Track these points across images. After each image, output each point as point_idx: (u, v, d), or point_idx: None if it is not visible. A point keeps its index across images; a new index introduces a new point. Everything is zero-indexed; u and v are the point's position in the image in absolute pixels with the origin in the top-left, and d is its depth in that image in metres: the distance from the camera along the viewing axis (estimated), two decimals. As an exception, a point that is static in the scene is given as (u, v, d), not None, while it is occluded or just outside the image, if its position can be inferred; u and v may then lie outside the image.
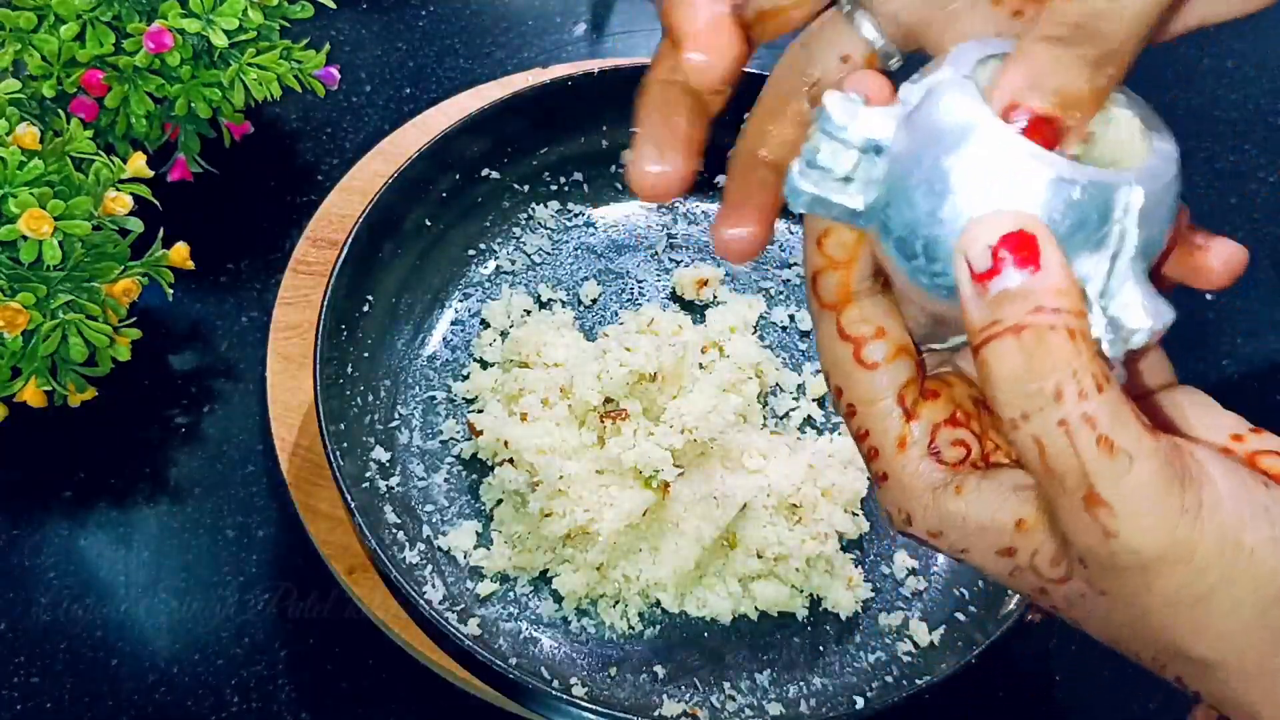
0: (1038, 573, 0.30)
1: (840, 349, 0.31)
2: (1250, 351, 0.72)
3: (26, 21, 0.61)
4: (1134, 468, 0.26)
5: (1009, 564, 0.30)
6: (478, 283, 0.68)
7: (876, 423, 0.31)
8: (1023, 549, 0.29)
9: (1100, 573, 0.28)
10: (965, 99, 0.27)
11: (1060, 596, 0.30)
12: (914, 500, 0.30)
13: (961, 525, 0.30)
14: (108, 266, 0.58)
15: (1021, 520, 0.29)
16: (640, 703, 0.55)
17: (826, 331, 0.31)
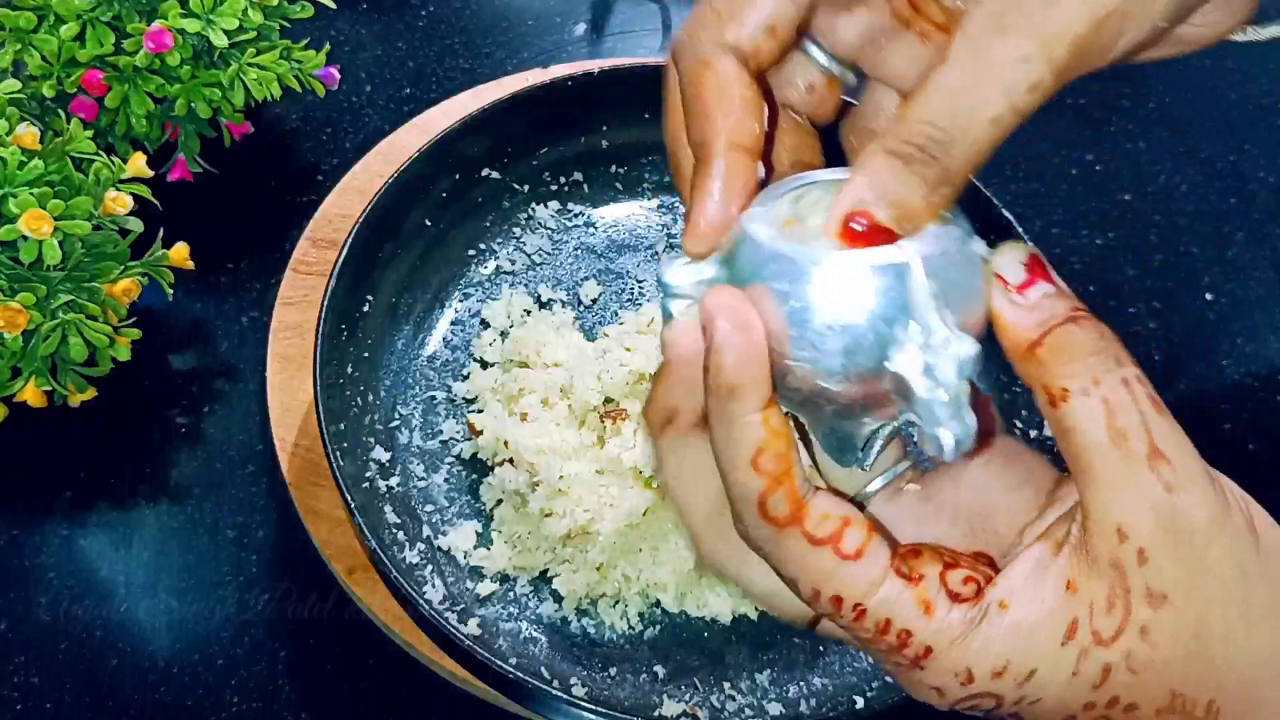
0: (1099, 636, 0.29)
1: (818, 557, 0.30)
2: (1250, 351, 0.72)
3: (26, 21, 0.61)
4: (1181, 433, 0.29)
5: (1075, 649, 0.29)
6: (478, 283, 0.68)
7: (895, 607, 0.30)
8: (1081, 615, 0.29)
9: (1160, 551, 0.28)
10: (766, 232, 0.31)
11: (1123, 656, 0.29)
12: (968, 650, 0.29)
13: (1018, 632, 0.29)
14: (108, 266, 0.58)
15: (1069, 582, 0.29)
16: (640, 703, 0.55)
17: (795, 548, 0.30)
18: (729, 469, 0.30)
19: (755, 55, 0.33)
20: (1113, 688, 0.29)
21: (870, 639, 0.30)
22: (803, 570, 0.30)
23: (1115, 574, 0.29)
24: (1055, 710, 0.29)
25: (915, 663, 0.30)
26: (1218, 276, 0.74)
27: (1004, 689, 0.29)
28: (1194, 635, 0.29)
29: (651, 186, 0.72)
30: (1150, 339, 0.71)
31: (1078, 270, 0.74)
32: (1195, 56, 0.92)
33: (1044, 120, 0.89)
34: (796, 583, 0.30)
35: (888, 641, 0.30)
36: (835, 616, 0.30)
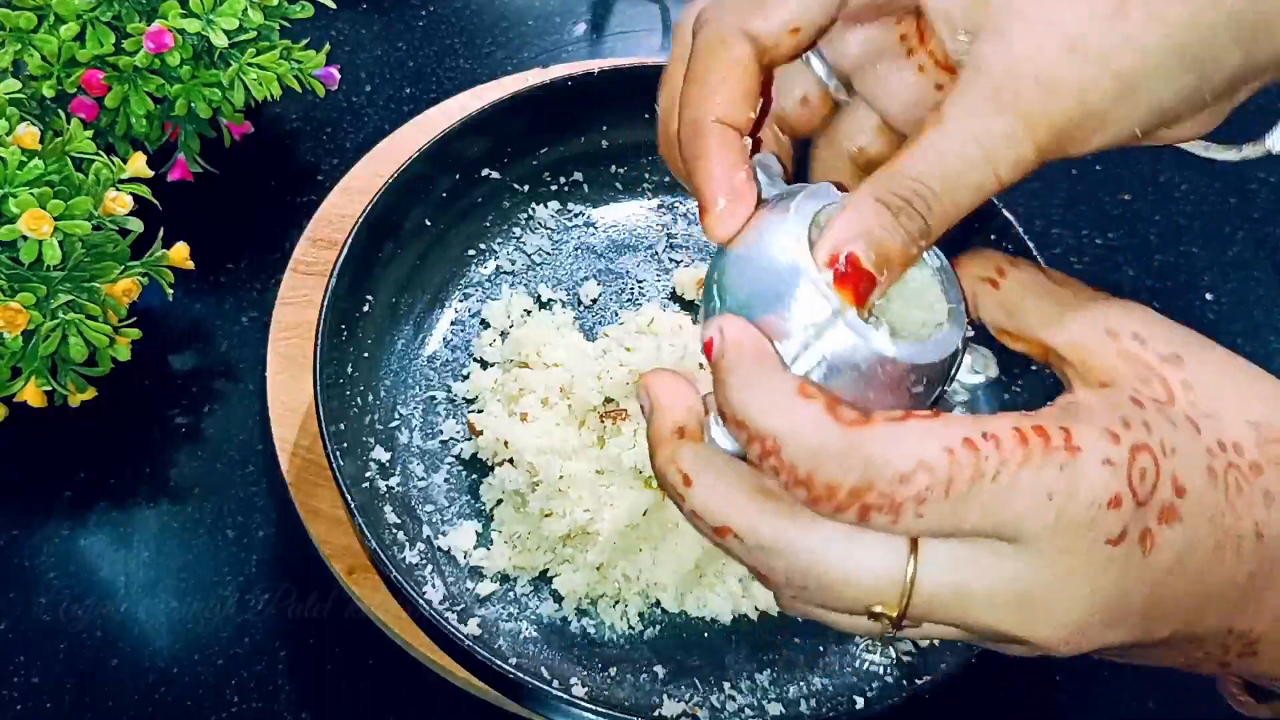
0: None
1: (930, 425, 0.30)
2: (1250, 351, 0.71)
3: (26, 21, 0.61)
4: None
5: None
6: (478, 283, 0.68)
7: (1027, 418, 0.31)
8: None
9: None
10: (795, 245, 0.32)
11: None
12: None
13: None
14: (108, 266, 0.58)
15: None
16: (640, 703, 0.55)
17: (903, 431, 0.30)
18: (783, 414, 0.30)
19: (772, 50, 0.34)
20: (1210, 432, 0.31)
21: (1018, 460, 0.29)
22: (908, 444, 0.29)
23: (1130, 361, 0.32)
24: (1193, 464, 0.30)
25: (1070, 445, 0.29)
26: (1218, 276, 0.74)
27: (1144, 437, 0.30)
28: (1224, 377, 0.33)
29: (651, 186, 0.71)
30: (1150, 339, 0.71)
31: (1078, 270, 0.74)
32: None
33: (1044, 120, 0.87)
34: (907, 465, 0.29)
35: (1033, 448, 0.29)
36: (975, 472, 0.29)
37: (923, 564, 0.30)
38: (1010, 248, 0.62)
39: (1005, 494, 0.29)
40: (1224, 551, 0.30)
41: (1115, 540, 0.29)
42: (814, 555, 0.31)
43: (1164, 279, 0.74)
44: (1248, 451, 0.31)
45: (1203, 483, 0.30)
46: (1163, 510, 0.30)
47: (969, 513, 0.29)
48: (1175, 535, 0.30)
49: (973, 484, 0.29)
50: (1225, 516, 0.30)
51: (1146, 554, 0.30)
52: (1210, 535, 0.30)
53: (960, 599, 0.30)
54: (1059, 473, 0.29)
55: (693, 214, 0.71)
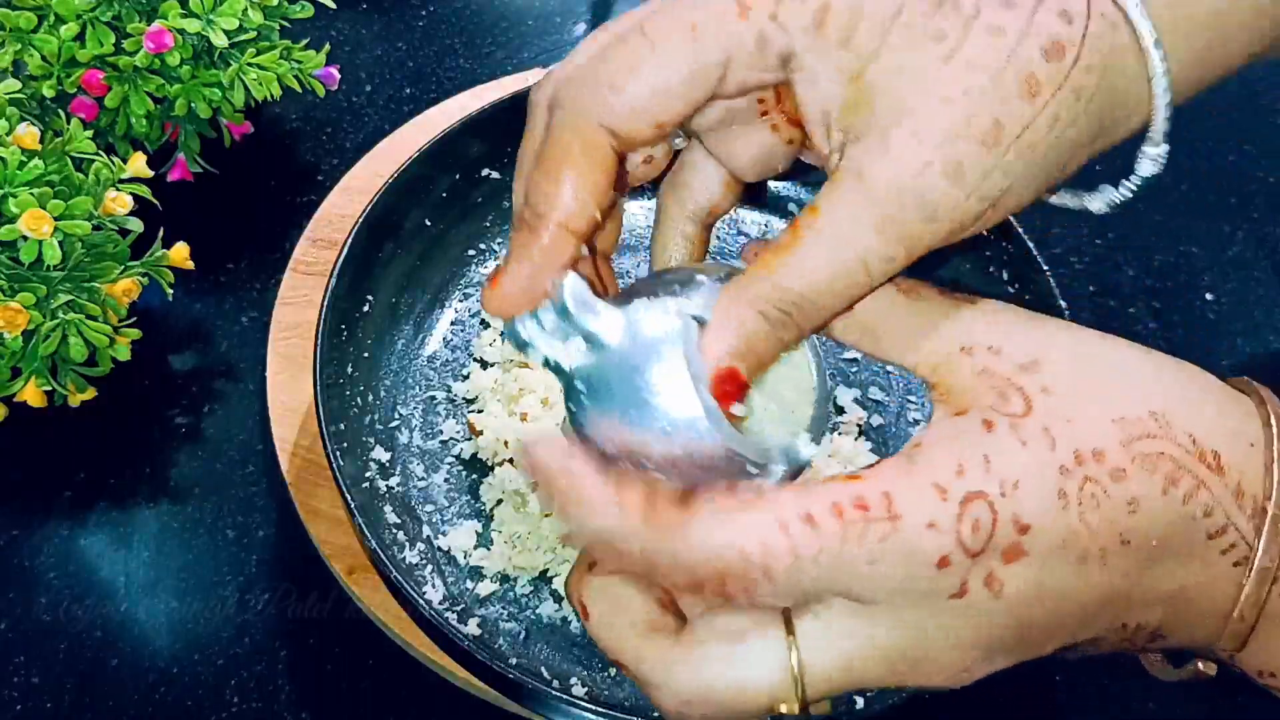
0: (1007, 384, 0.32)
1: (751, 513, 0.30)
2: (1250, 351, 0.72)
3: (26, 21, 0.61)
4: None
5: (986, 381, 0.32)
6: (478, 283, 0.68)
7: (844, 490, 0.30)
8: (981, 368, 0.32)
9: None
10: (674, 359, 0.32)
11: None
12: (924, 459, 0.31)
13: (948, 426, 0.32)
14: (108, 266, 0.58)
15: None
16: (640, 703, 0.55)
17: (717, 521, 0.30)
18: (605, 523, 0.31)
19: (629, 142, 0.34)
20: (1067, 442, 0.30)
21: (837, 538, 0.29)
22: (735, 534, 0.30)
23: (986, 377, 0.32)
24: (1042, 492, 0.30)
25: (891, 513, 0.29)
26: (1218, 276, 0.74)
27: (978, 482, 0.30)
28: (1085, 372, 0.32)
29: (651, 186, 0.71)
30: (1150, 339, 0.71)
31: (1078, 270, 0.74)
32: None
33: (1044, 120, 0.87)
34: (743, 554, 0.30)
35: (850, 518, 0.29)
36: (795, 558, 0.29)
37: (804, 650, 0.31)
38: (1010, 248, 0.62)
39: (831, 571, 0.30)
40: (1087, 568, 0.30)
41: (957, 594, 0.30)
42: (699, 679, 0.32)
43: (1164, 279, 0.74)
44: (1110, 456, 0.30)
45: (1051, 511, 0.29)
46: (1005, 551, 0.29)
47: (800, 588, 0.30)
48: (1023, 570, 0.30)
49: (791, 569, 0.30)
50: (1081, 537, 0.30)
51: (997, 596, 0.30)
52: (1064, 559, 0.30)
53: (850, 670, 0.31)
54: (881, 544, 0.29)
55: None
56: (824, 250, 0.31)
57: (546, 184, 0.34)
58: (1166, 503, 0.30)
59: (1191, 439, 0.30)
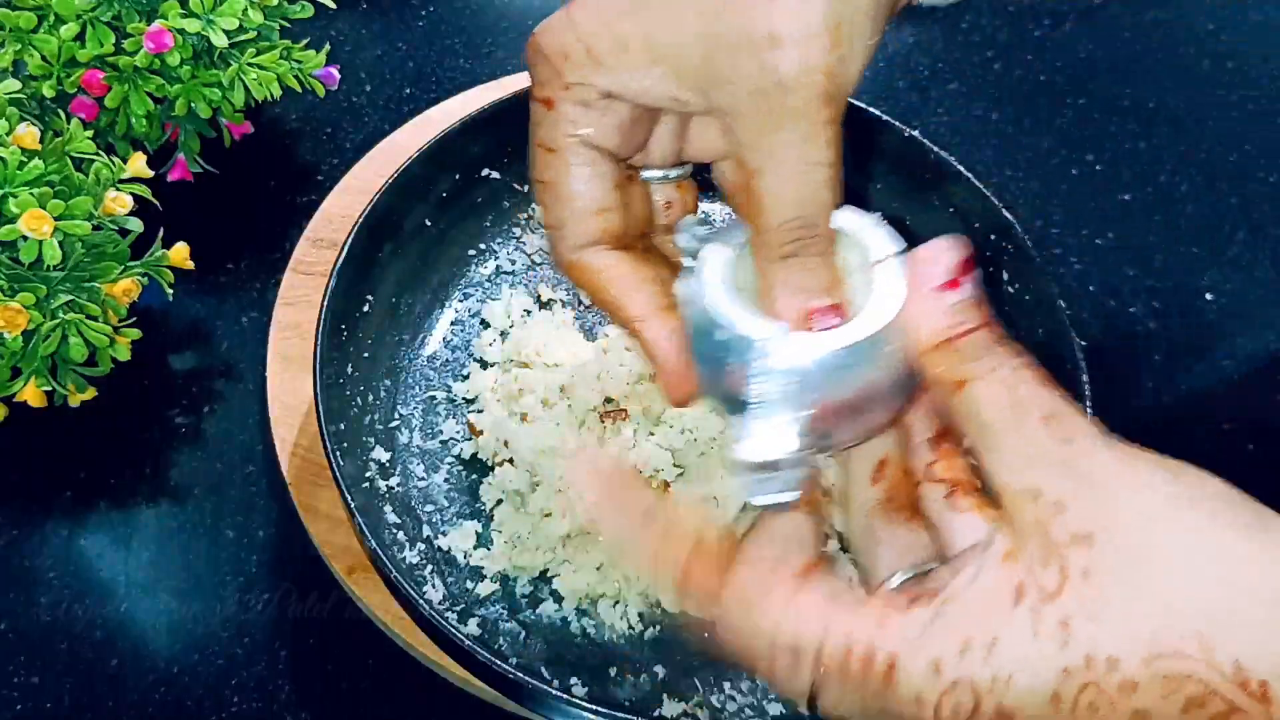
0: (1044, 590, 0.30)
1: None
2: (1250, 351, 0.72)
3: (26, 21, 0.61)
4: (1071, 399, 0.32)
5: (1026, 608, 0.30)
6: (478, 283, 0.68)
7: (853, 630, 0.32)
8: (1023, 577, 0.30)
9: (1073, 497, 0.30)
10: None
11: (1078, 606, 0.30)
12: (930, 643, 0.31)
13: (971, 611, 0.31)
14: (108, 266, 0.58)
15: (1006, 553, 0.31)
16: (640, 703, 0.55)
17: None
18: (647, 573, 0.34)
19: (605, 236, 0.39)
20: (1081, 644, 0.29)
21: (835, 675, 0.31)
22: (751, 622, 0.33)
23: (1040, 531, 0.30)
24: (1035, 689, 0.29)
25: (888, 679, 0.30)
26: (1218, 276, 0.74)
27: (974, 669, 0.29)
28: (1138, 565, 0.29)
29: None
30: (1150, 339, 0.71)
31: (1078, 270, 0.74)
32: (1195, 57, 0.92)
33: (1044, 120, 0.89)
34: (753, 653, 0.33)
35: (851, 668, 0.31)
36: (795, 668, 0.32)
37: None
38: (1010, 248, 0.62)
39: (833, 699, 0.32)
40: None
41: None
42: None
43: (1164, 279, 0.74)
44: (1124, 667, 0.28)
45: (1040, 712, 0.29)
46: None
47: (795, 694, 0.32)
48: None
49: (790, 675, 0.32)
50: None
51: None
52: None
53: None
54: (875, 699, 0.31)
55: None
56: (769, 183, 0.35)
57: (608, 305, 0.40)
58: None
59: (1237, 665, 0.28)
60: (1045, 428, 0.31)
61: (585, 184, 0.39)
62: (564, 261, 0.40)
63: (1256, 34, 0.87)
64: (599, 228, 0.39)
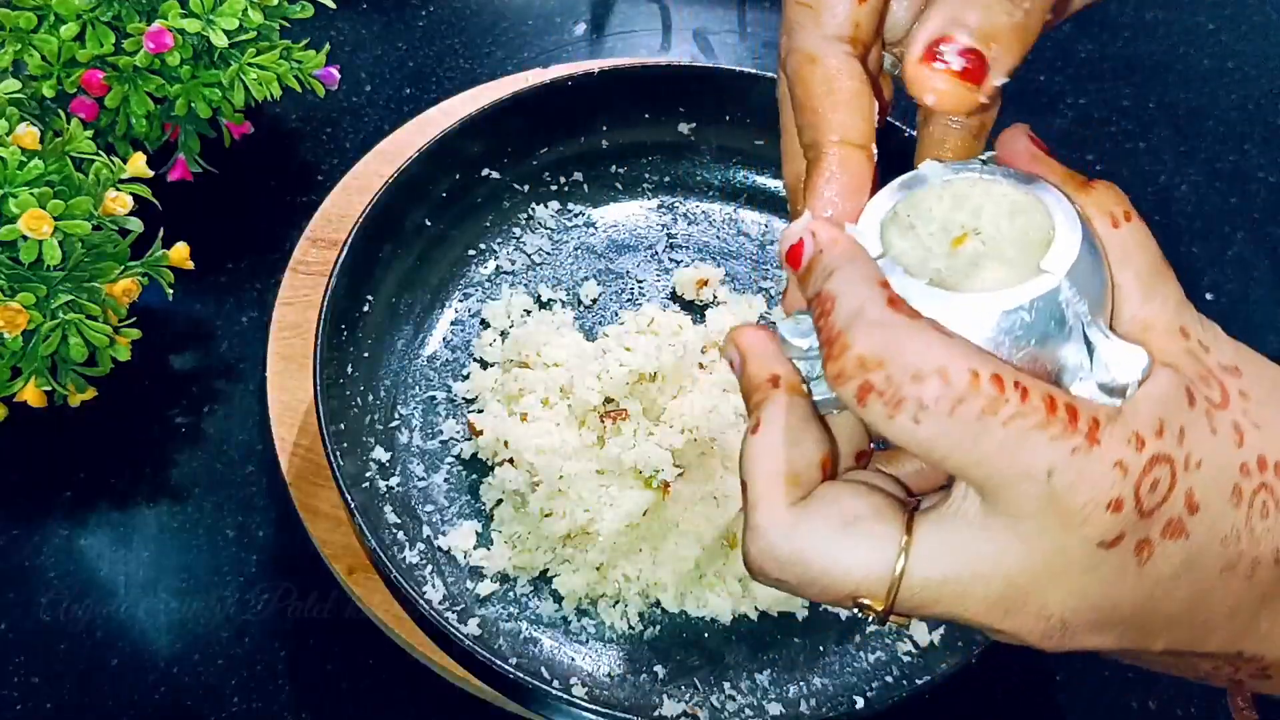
0: (1211, 402, 0.31)
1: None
2: (1250, 351, 0.72)
3: (26, 21, 0.61)
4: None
5: (1201, 409, 0.30)
6: (478, 283, 0.68)
7: (1055, 389, 0.30)
8: (1191, 389, 0.31)
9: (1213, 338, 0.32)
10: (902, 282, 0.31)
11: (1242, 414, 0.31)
12: (1127, 419, 0.29)
13: (1157, 401, 0.30)
14: (108, 266, 0.58)
15: (1170, 365, 0.31)
16: (640, 703, 0.55)
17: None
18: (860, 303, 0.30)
19: (858, 34, 0.34)
20: (1254, 446, 0.30)
21: (1038, 421, 0.28)
22: (954, 352, 0.29)
23: (1194, 359, 0.31)
24: (1219, 481, 0.30)
25: (1093, 437, 0.29)
26: (1218, 276, 0.74)
27: (1169, 448, 0.29)
28: (1277, 393, 0.31)
29: (651, 186, 0.72)
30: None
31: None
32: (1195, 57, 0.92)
33: (1044, 120, 0.89)
34: (947, 370, 0.28)
35: (1058, 418, 0.28)
36: (992, 404, 0.28)
37: (914, 556, 0.30)
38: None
39: (1007, 445, 0.28)
40: (1234, 573, 0.30)
41: (1109, 544, 0.29)
42: (797, 545, 0.31)
43: (1164, 279, 0.74)
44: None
45: (1222, 502, 0.29)
46: (1169, 524, 0.29)
47: (962, 442, 0.29)
48: (1176, 550, 0.29)
49: (981, 416, 0.28)
50: (1241, 540, 0.30)
51: (1142, 564, 0.29)
52: (1219, 556, 0.30)
53: (947, 590, 0.30)
54: (1069, 455, 0.28)
55: (692, 214, 0.71)
56: None
57: (806, 116, 0.34)
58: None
59: None
60: (1180, 289, 0.32)
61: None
62: (802, 51, 0.34)
63: (1256, 34, 0.87)
64: (854, 19, 0.34)
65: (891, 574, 0.30)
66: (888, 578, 0.30)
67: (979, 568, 0.30)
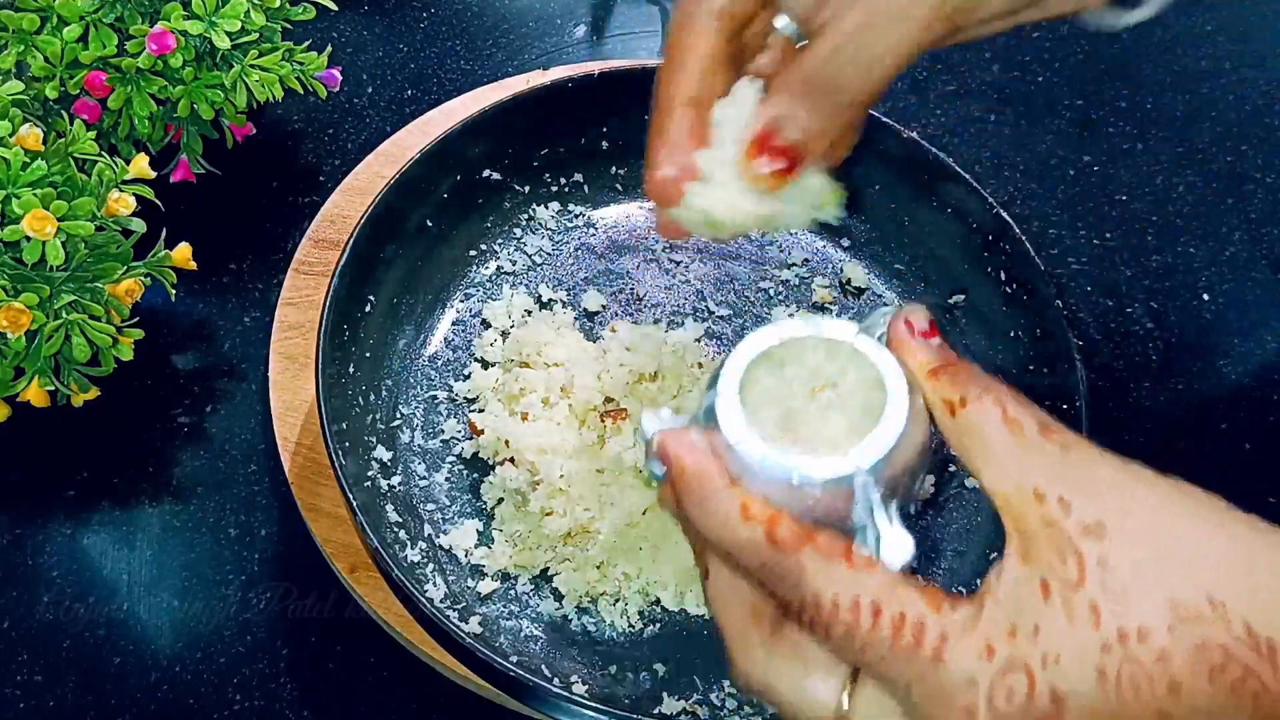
0: (1068, 583, 0.31)
1: (833, 567, 0.33)
2: (1247, 352, 0.72)
3: (30, 23, 0.61)
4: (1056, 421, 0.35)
5: (1057, 601, 0.31)
6: (479, 283, 0.68)
7: (908, 604, 0.32)
8: (1045, 574, 0.31)
9: (1077, 493, 0.32)
10: (733, 419, 0.36)
11: (1100, 590, 0.31)
12: (978, 630, 0.31)
13: (1007, 605, 0.32)
14: (111, 267, 0.58)
15: (1023, 554, 0.32)
16: (640, 701, 0.55)
17: (811, 563, 0.33)
18: (730, 533, 0.34)
19: (731, 12, 0.39)
20: (1113, 620, 0.30)
21: (886, 646, 0.32)
22: (821, 580, 0.33)
23: (1051, 531, 0.31)
24: (1081, 670, 0.30)
25: (938, 655, 0.31)
26: (1215, 277, 0.75)
27: (1024, 650, 0.30)
28: (1148, 547, 0.31)
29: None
30: (1147, 339, 0.72)
31: (1075, 270, 0.74)
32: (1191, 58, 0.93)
33: (1042, 121, 0.89)
34: (818, 598, 0.33)
35: (904, 641, 0.31)
36: (852, 628, 0.32)
37: (854, 703, 0.34)
38: (1008, 249, 0.63)
39: (872, 663, 0.32)
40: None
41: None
42: (769, 677, 0.36)
43: (1161, 279, 0.74)
44: (1155, 638, 0.30)
45: (1090, 688, 0.30)
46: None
47: (847, 655, 0.33)
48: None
49: (843, 640, 0.33)
50: (1119, 716, 0.30)
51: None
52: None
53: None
54: (919, 673, 0.31)
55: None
56: (865, 31, 0.35)
57: (667, 70, 0.40)
58: (1213, 690, 0.30)
59: (1246, 628, 0.30)
60: (1043, 436, 0.33)
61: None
62: (680, 13, 0.40)
63: (1255, 34, 0.87)
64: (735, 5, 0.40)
65: (840, 710, 0.34)
66: (835, 715, 0.34)
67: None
